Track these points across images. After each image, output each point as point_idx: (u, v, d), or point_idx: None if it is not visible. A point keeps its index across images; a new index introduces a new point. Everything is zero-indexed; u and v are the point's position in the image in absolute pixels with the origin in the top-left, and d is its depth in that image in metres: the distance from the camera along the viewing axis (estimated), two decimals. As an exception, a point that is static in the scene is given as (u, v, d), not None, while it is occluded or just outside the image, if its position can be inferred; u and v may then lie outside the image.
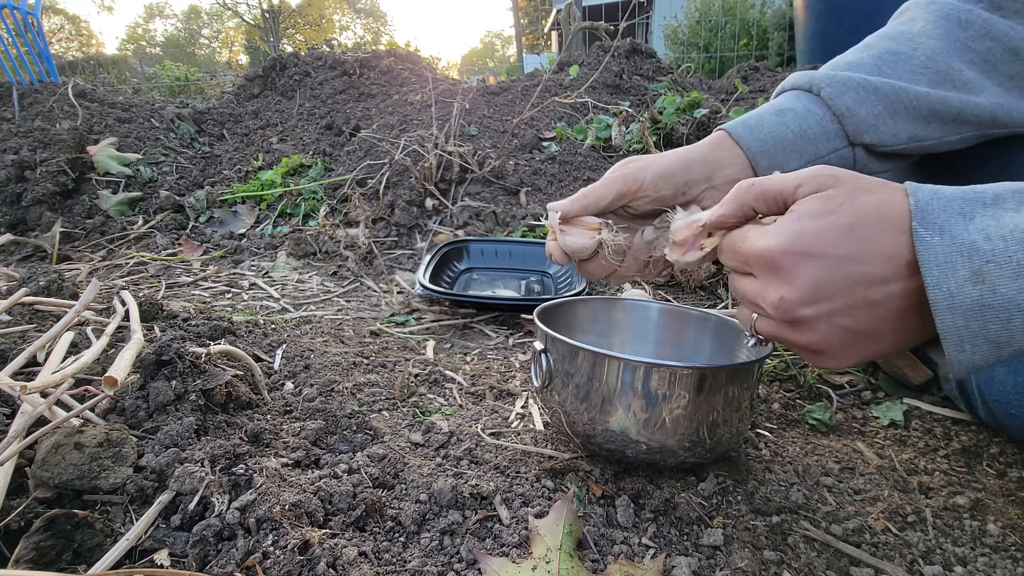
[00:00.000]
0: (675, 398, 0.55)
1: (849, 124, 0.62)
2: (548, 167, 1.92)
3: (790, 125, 0.63)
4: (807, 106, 0.64)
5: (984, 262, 0.37)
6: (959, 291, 0.37)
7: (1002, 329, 0.37)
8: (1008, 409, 0.66)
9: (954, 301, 0.37)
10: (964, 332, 0.38)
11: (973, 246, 0.37)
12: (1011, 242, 0.36)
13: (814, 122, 0.63)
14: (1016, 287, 0.36)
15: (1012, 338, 0.37)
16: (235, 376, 0.71)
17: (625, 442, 0.58)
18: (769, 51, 5.36)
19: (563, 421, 0.63)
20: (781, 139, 0.62)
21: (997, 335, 0.37)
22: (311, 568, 0.46)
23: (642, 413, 0.56)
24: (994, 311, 0.37)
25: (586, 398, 0.59)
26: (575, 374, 0.59)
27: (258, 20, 24.36)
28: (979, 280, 0.37)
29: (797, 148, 0.62)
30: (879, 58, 0.65)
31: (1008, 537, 0.57)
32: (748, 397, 0.59)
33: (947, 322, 0.38)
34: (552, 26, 12.06)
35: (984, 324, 0.37)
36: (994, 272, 0.36)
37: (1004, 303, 0.36)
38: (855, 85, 0.62)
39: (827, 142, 0.63)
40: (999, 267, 0.36)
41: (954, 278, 0.37)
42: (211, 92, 4.99)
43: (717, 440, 0.58)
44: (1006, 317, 0.36)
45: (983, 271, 0.37)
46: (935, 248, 0.38)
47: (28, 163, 1.96)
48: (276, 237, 1.79)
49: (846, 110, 0.62)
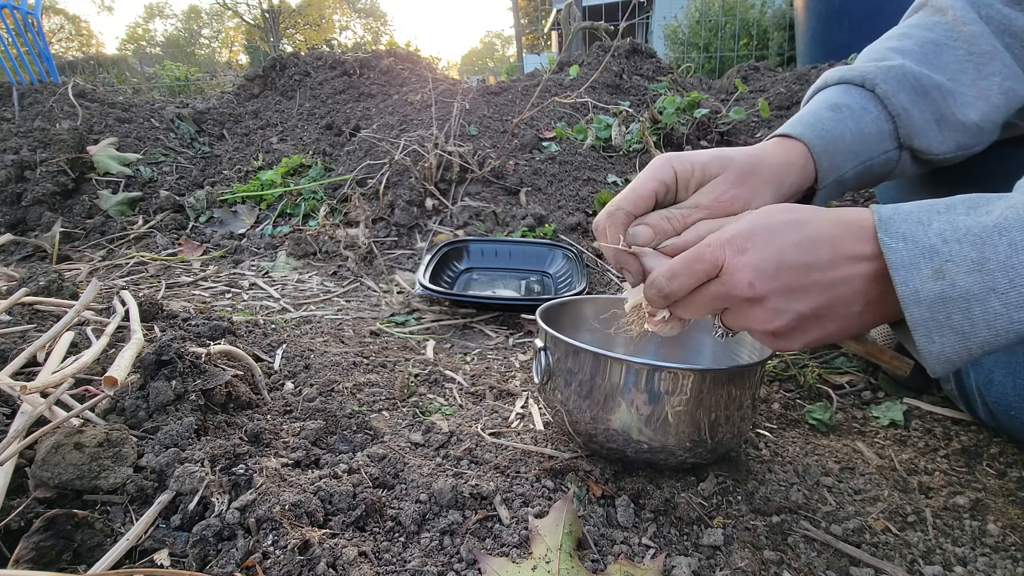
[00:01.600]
0: (677, 399, 0.55)
1: (903, 126, 0.59)
2: (548, 167, 1.92)
3: (848, 123, 0.58)
4: (861, 103, 0.59)
5: (944, 261, 0.41)
6: (923, 287, 0.41)
7: (964, 319, 0.41)
8: (1008, 411, 0.66)
9: (919, 296, 0.41)
10: (931, 323, 0.41)
11: (933, 248, 0.41)
12: (965, 244, 0.41)
13: (869, 121, 0.59)
14: (971, 280, 0.40)
15: (975, 327, 0.41)
16: (235, 376, 0.71)
17: (626, 441, 0.58)
18: (769, 51, 5.36)
19: (565, 420, 0.63)
20: (840, 138, 0.58)
21: (961, 324, 0.41)
22: (311, 568, 0.46)
23: (644, 413, 0.56)
24: (955, 303, 0.41)
25: (588, 396, 0.59)
26: (577, 372, 0.59)
27: (258, 20, 24.36)
28: (940, 277, 0.41)
29: (854, 149, 0.59)
30: (923, 45, 0.61)
31: (1008, 537, 0.57)
32: (750, 397, 0.59)
33: (915, 314, 0.42)
34: (552, 26, 12.06)
35: (948, 315, 0.41)
36: (952, 269, 0.41)
37: (963, 294, 0.40)
38: (908, 84, 0.59)
39: (879, 143, 0.59)
40: (956, 265, 0.41)
41: (918, 276, 0.41)
42: (211, 92, 4.99)
43: (718, 441, 0.59)
44: (966, 307, 0.41)
45: (943, 269, 0.41)
46: (900, 252, 0.42)
47: (28, 163, 1.96)
48: (276, 237, 1.79)
49: (903, 110, 0.58)
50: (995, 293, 0.40)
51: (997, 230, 0.40)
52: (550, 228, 1.62)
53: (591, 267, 1.50)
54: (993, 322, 0.40)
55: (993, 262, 0.40)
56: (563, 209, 1.73)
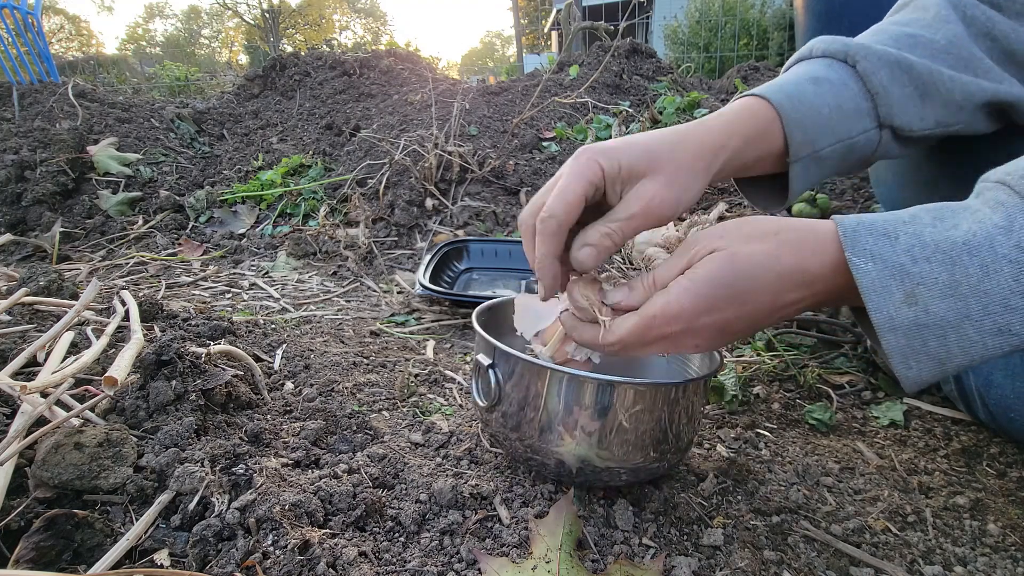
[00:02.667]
0: (628, 414, 0.53)
1: (882, 105, 0.57)
2: (548, 167, 1.92)
3: (827, 98, 0.56)
4: (842, 78, 0.58)
5: (915, 285, 0.40)
6: (897, 314, 0.40)
7: (940, 346, 0.40)
8: (1007, 413, 0.66)
9: (894, 323, 0.40)
10: (907, 350, 0.41)
11: (903, 269, 0.40)
12: (935, 263, 0.40)
13: (848, 97, 0.57)
14: (945, 306, 0.39)
15: (950, 354, 0.40)
16: (235, 376, 0.71)
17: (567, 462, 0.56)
18: (769, 51, 5.36)
19: (517, 449, 0.59)
20: (817, 112, 0.56)
21: (937, 351, 0.40)
22: (311, 568, 0.46)
23: (591, 429, 0.53)
24: (930, 330, 0.40)
25: (528, 420, 0.56)
26: (540, 395, 0.54)
27: (258, 20, 24.36)
28: (913, 302, 0.40)
29: (831, 125, 0.57)
30: (898, 40, 0.60)
31: (1008, 537, 0.57)
32: (699, 408, 0.58)
33: (891, 343, 0.41)
34: (552, 26, 12.07)
35: (924, 342, 0.40)
36: (924, 294, 0.40)
37: (937, 322, 0.40)
38: (890, 61, 0.57)
39: (859, 121, 0.58)
40: (928, 288, 0.40)
41: (891, 302, 0.40)
42: (211, 92, 4.99)
43: (662, 453, 0.56)
44: (941, 335, 0.40)
45: (915, 293, 0.40)
46: (871, 275, 0.41)
47: (28, 163, 1.96)
48: (276, 237, 1.79)
49: (881, 88, 0.57)
50: (969, 320, 0.39)
51: (967, 249, 0.39)
52: (550, 228, 1.62)
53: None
54: (968, 348, 0.40)
55: (964, 286, 0.39)
56: (563, 209, 1.73)
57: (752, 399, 0.84)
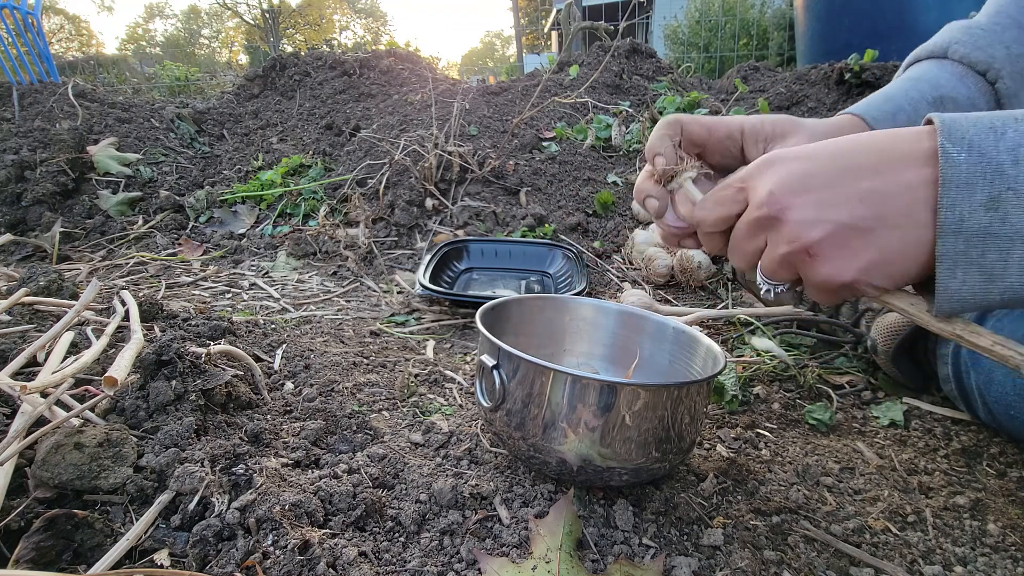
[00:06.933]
0: (631, 413, 0.53)
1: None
2: (548, 167, 1.92)
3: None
4: (971, 97, 0.57)
5: (1005, 188, 0.35)
6: (970, 216, 0.36)
7: (998, 259, 0.36)
8: (1008, 410, 0.66)
9: (962, 225, 0.36)
10: (961, 258, 0.37)
11: (999, 169, 0.35)
12: None
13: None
14: None
15: (1006, 271, 0.36)
16: (235, 376, 0.71)
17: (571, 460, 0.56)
18: (769, 51, 5.36)
19: (520, 448, 0.59)
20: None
21: (993, 265, 0.36)
22: (311, 568, 0.46)
23: (594, 428, 0.53)
24: (997, 240, 0.36)
25: (532, 418, 0.56)
26: (548, 397, 0.55)
27: (258, 20, 24.35)
28: (994, 207, 0.35)
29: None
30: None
31: (1008, 537, 0.57)
32: (701, 409, 0.59)
33: (948, 245, 0.37)
34: (552, 26, 12.06)
35: (983, 252, 0.36)
36: (1011, 200, 0.35)
37: (1010, 233, 0.35)
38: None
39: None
40: (1018, 195, 0.35)
41: (970, 202, 0.36)
42: (211, 92, 4.99)
43: (664, 453, 0.56)
44: (1007, 247, 0.36)
45: (1001, 199, 0.35)
46: (960, 167, 0.36)
47: (28, 163, 1.96)
48: (276, 237, 1.79)
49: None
50: None
51: None
52: (550, 228, 1.62)
53: (591, 267, 1.50)
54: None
55: None
56: (563, 209, 1.73)
57: (752, 399, 0.84)
